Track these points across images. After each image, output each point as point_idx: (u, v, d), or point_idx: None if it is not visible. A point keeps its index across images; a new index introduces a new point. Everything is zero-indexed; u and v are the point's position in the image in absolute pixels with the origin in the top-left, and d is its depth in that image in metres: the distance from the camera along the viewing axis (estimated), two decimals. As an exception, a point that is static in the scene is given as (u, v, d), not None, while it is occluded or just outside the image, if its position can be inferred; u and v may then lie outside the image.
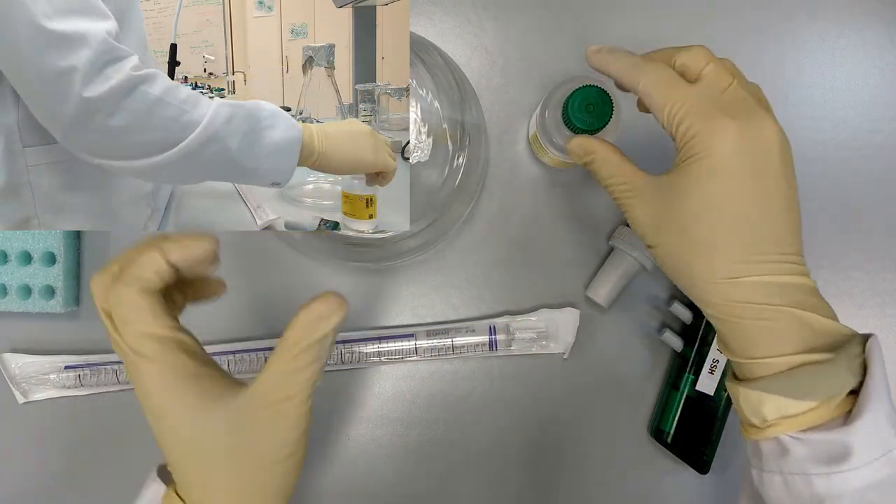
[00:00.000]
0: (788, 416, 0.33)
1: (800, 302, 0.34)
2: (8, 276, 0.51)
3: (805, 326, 0.34)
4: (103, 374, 0.51)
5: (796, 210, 0.35)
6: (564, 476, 0.51)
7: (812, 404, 0.33)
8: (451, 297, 0.52)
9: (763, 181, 0.34)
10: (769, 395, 0.33)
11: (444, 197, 0.47)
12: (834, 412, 0.32)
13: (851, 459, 0.31)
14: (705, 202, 0.34)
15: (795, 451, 0.33)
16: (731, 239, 0.34)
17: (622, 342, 0.51)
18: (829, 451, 0.32)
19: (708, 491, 0.51)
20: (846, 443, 0.31)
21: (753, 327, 0.34)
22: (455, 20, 0.51)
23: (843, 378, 0.32)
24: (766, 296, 0.34)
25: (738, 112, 0.34)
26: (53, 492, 0.53)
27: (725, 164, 0.34)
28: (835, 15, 0.51)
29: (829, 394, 0.32)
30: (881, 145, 0.51)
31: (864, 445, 0.31)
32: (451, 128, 0.47)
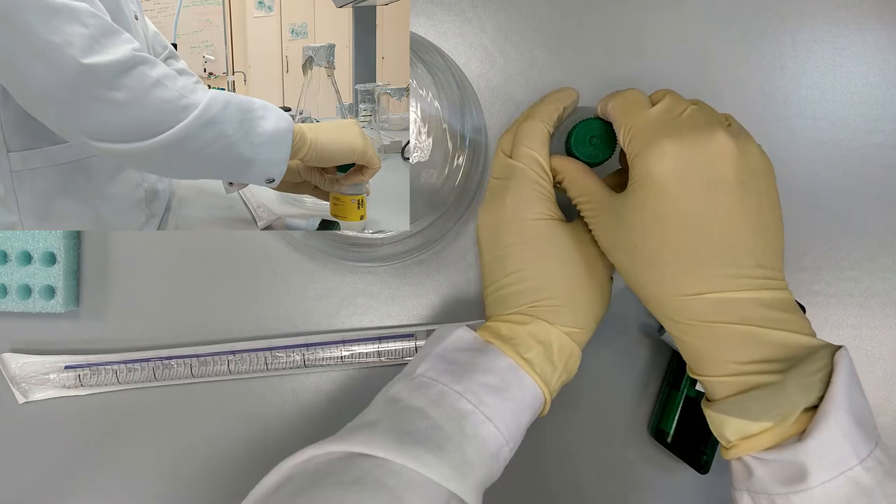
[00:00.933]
0: (747, 436, 0.33)
1: (754, 318, 0.33)
2: (8, 276, 0.51)
3: (757, 343, 0.33)
4: (103, 374, 0.51)
5: (761, 220, 0.35)
6: (564, 476, 0.51)
7: (767, 425, 0.32)
8: (451, 298, 0.52)
9: (708, 198, 0.34)
10: (728, 417, 0.33)
11: (443, 197, 0.47)
12: (790, 430, 0.32)
13: (808, 479, 0.31)
14: (647, 222, 0.35)
15: (757, 472, 0.33)
16: (677, 257, 0.34)
17: (622, 342, 0.51)
18: (787, 470, 0.32)
19: (708, 491, 0.51)
20: (800, 462, 0.31)
21: (703, 345, 0.34)
22: (455, 20, 0.51)
23: (795, 397, 0.32)
24: (715, 313, 0.34)
25: (683, 132, 0.35)
26: (53, 492, 0.53)
27: (663, 183, 0.34)
28: (835, 15, 0.51)
29: (782, 414, 0.32)
30: (881, 145, 0.51)
31: (819, 464, 0.31)
32: (451, 128, 0.47)
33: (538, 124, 0.41)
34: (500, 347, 0.39)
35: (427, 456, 0.34)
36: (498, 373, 0.38)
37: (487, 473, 0.37)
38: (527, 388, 0.39)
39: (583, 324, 0.41)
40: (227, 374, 0.51)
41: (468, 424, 0.36)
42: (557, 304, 0.40)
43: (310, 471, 0.35)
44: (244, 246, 0.52)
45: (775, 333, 0.33)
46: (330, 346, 0.51)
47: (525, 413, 0.39)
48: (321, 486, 0.33)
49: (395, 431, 0.35)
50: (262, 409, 0.52)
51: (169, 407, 0.52)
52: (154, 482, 0.52)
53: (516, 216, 0.40)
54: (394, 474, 0.33)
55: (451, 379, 0.38)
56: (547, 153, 0.41)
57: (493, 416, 0.37)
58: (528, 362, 0.39)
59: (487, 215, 0.43)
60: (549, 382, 0.40)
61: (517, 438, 0.39)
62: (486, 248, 0.42)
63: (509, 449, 0.38)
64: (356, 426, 0.37)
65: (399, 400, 0.38)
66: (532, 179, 0.40)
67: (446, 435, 0.36)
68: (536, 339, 0.40)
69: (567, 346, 0.40)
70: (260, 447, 0.52)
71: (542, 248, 0.40)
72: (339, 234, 0.47)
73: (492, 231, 0.42)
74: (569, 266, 0.40)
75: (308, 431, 0.52)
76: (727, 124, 0.37)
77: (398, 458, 0.34)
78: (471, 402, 0.37)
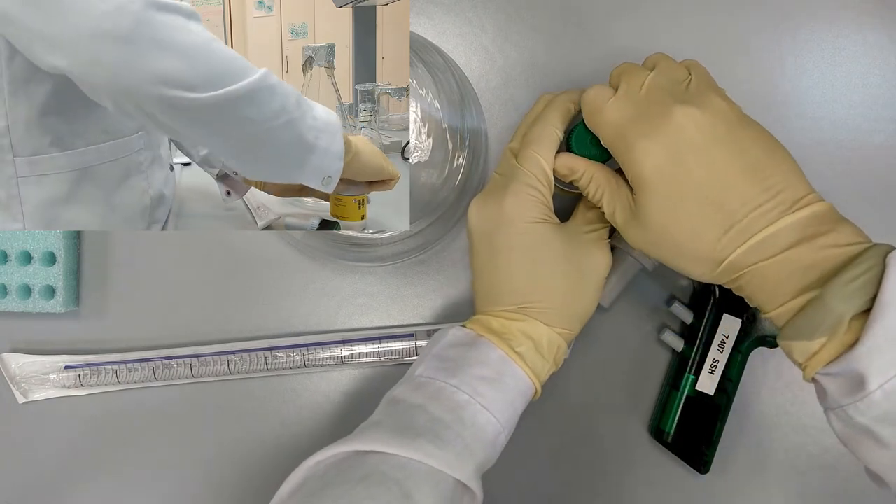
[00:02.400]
0: (811, 355, 0.33)
1: (790, 243, 0.34)
2: (8, 276, 0.51)
3: (800, 266, 0.34)
4: (103, 374, 0.51)
5: (753, 155, 0.35)
6: (564, 475, 0.51)
7: (822, 340, 0.33)
8: (451, 298, 0.52)
9: (697, 169, 0.35)
10: (791, 342, 0.34)
11: (443, 197, 0.47)
12: (845, 340, 0.32)
13: (867, 385, 0.31)
14: (660, 217, 0.36)
15: (829, 388, 0.33)
16: (700, 235, 0.36)
17: (622, 342, 0.51)
18: (850, 381, 0.32)
19: (708, 491, 0.51)
20: (858, 370, 0.31)
21: (757, 286, 0.35)
22: (455, 20, 0.51)
23: (838, 308, 0.32)
24: (753, 256, 0.35)
25: (648, 124, 0.36)
26: (54, 492, 0.53)
27: (653, 181, 0.36)
28: (835, 15, 0.51)
29: (831, 326, 0.32)
30: (881, 145, 0.51)
31: (874, 369, 0.31)
32: (451, 128, 0.47)
33: (548, 128, 0.41)
34: (492, 340, 0.40)
35: (429, 446, 0.36)
36: (491, 364, 0.40)
37: (486, 459, 0.39)
38: (519, 378, 0.40)
39: (570, 325, 0.42)
40: (227, 374, 0.51)
41: (466, 414, 0.38)
42: (548, 306, 0.41)
43: (321, 473, 0.36)
44: (244, 246, 0.52)
45: (815, 251, 0.34)
46: (330, 346, 0.51)
47: (518, 400, 0.41)
48: (332, 485, 0.34)
49: (398, 427, 0.37)
50: (262, 410, 0.52)
51: (169, 407, 0.52)
52: (154, 482, 0.52)
53: (513, 218, 0.41)
54: (400, 467, 0.35)
55: (447, 374, 0.39)
56: (552, 158, 0.41)
57: (488, 405, 0.39)
58: (519, 356, 0.40)
59: (483, 209, 0.43)
60: (540, 374, 0.42)
61: (512, 425, 0.41)
62: (479, 241, 0.43)
63: (505, 435, 0.40)
64: (362, 428, 0.39)
65: (401, 401, 0.39)
66: (533, 185, 0.41)
67: (446, 425, 0.37)
68: (527, 334, 0.41)
69: (555, 341, 0.42)
70: (260, 447, 0.52)
71: (535, 252, 0.41)
72: (339, 234, 0.47)
73: (486, 227, 0.42)
74: (561, 270, 0.41)
75: (308, 431, 0.52)
76: (686, 81, 0.38)
77: (402, 451, 0.35)
78: (467, 394, 0.38)
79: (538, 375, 0.41)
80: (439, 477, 0.35)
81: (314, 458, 0.37)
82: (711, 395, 0.48)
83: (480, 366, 0.40)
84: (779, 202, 0.34)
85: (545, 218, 0.41)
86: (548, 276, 0.41)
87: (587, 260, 0.42)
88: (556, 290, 0.41)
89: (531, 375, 0.41)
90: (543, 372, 0.42)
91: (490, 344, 0.40)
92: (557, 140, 0.42)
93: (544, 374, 0.42)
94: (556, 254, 0.41)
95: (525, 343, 0.41)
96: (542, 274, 0.41)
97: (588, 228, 0.43)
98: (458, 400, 0.38)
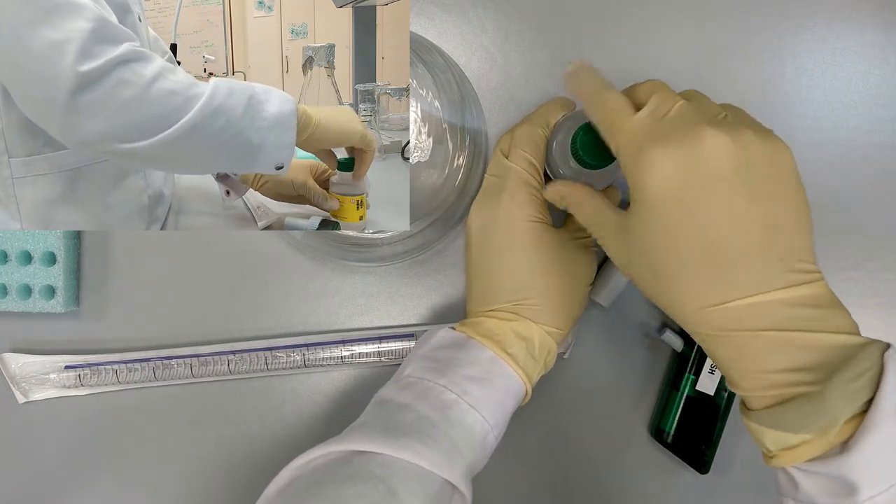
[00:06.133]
0: (788, 448, 0.31)
1: (783, 320, 0.31)
2: (8, 276, 0.51)
3: (790, 349, 0.31)
4: (103, 374, 0.51)
5: (776, 212, 0.32)
6: (564, 475, 0.51)
7: (807, 437, 0.30)
8: (451, 298, 0.52)
9: (710, 200, 0.31)
10: (766, 429, 0.32)
11: (444, 197, 0.47)
12: (833, 441, 0.30)
13: (857, 494, 0.29)
14: (655, 236, 0.33)
15: (803, 484, 0.31)
16: (692, 269, 0.32)
17: (622, 342, 0.51)
18: (834, 484, 0.30)
19: (708, 491, 0.51)
20: (847, 476, 0.29)
21: (735, 356, 0.32)
22: (455, 20, 0.51)
23: (837, 408, 0.29)
24: (741, 321, 0.31)
25: (669, 136, 0.32)
26: (53, 492, 0.53)
27: (659, 195, 0.32)
28: (835, 15, 0.51)
29: (823, 426, 0.30)
30: (881, 145, 0.51)
31: (867, 479, 0.29)
32: (451, 128, 0.47)
33: (535, 129, 0.42)
34: (482, 342, 0.41)
35: (416, 445, 0.36)
36: (480, 364, 0.40)
37: (475, 460, 0.38)
38: (509, 378, 0.40)
39: (561, 325, 0.42)
40: (227, 374, 0.51)
41: (453, 413, 0.38)
42: (540, 304, 0.41)
43: (309, 472, 0.36)
44: (244, 246, 0.52)
45: (809, 336, 0.31)
46: (330, 346, 0.51)
47: (509, 401, 0.41)
48: (318, 484, 0.34)
49: (385, 427, 0.37)
50: (262, 409, 0.52)
51: (169, 407, 0.52)
52: (154, 482, 0.52)
53: (509, 216, 0.41)
54: (387, 466, 0.35)
55: (436, 375, 0.39)
56: (542, 157, 0.42)
57: (476, 405, 0.38)
58: (511, 357, 0.40)
59: (481, 210, 0.43)
60: (531, 376, 0.42)
61: (502, 426, 0.41)
62: (476, 241, 0.43)
63: (494, 436, 0.40)
64: (350, 428, 0.39)
65: (388, 401, 0.40)
66: (526, 182, 0.41)
67: (433, 424, 0.37)
68: (519, 335, 0.41)
69: (547, 343, 0.42)
70: (260, 447, 0.52)
71: (530, 251, 0.41)
72: (339, 234, 0.47)
73: (483, 226, 0.43)
74: (555, 269, 0.42)
75: (308, 431, 0.52)
76: (722, 115, 0.34)
77: (389, 450, 0.35)
78: (455, 393, 0.38)
79: (530, 377, 0.41)
80: (425, 475, 0.35)
81: (301, 458, 0.37)
82: (711, 395, 0.48)
83: (470, 366, 0.40)
84: (783, 270, 0.31)
85: (540, 217, 0.42)
86: (543, 273, 0.41)
87: (576, 265, 0.43)
88: (549, 288, 0.41)
89: (522, 376, 0.41)
90: (534, 374, 0.42)
91: (480, 345, 0.40)
92: (545, 141, 0.42)
93: (535, 375, 0.42)
94: (551, 253, 0.41)
95: (517, 344, 0.41)
96: (538, 271, 0.41)
97: (578, 234, 0.44)
98: (446, 399, 0.38)
